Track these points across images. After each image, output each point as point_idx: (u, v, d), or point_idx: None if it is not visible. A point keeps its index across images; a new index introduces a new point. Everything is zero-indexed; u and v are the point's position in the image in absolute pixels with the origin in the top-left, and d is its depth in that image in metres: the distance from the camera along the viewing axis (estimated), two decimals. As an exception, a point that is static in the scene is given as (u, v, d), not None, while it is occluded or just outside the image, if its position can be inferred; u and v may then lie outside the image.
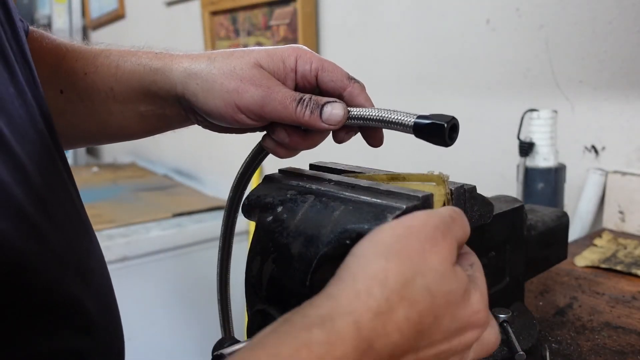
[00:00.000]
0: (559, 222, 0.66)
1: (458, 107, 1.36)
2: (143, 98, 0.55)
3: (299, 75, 0.50)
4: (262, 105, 0.48)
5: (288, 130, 0.50)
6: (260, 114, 0.48)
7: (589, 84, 1.09)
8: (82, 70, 0.57)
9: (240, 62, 0.49)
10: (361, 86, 0.50)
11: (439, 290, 0.33)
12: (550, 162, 0.98)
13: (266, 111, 0.48)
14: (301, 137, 0.51)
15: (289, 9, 1.76)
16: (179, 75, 0.52)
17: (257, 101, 0.48)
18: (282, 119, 0.48)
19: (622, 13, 1.03)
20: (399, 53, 1.49)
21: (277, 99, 0.47)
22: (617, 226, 1.04)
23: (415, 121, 0.45)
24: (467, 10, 1.30)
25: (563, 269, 0.83)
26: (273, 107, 0.47)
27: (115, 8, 3.13)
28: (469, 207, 0.44)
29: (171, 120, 0.57)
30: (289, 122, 0.48)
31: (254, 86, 0.48)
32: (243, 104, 0.48)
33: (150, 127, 0.58)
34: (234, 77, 0.49)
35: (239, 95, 0.48)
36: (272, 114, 0.48)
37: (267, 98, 0.48)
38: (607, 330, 0.64)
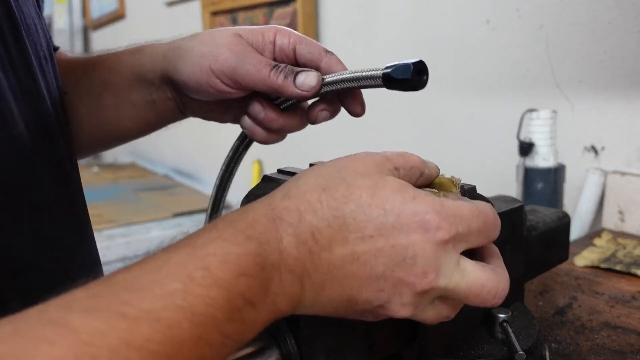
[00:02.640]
0: (560, 222, 0.66)
1: (458, 107, 1.36)
2: (133, 84, 0.56)
3: (277, 48, 0.51)
4: (235, 68, 0.48)
5: (263, 103, 0.51)
6: (234, 78, 0.48)
7: (589, 84, 1.10)
8: (81, 69, 0.58)
9: (220, 32, 0.50)
10: (338, 59, 0.51)
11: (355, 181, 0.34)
12: (550, 162, 0.98)
13: (239, 74, 0.48)
14: (277, 113, 0.51)
15: (289, 9, 1.76)
16: (163, 51, 0.53)
17: (230, 64, 0.48)
18: (255, 84, 0.48)
19: (622, 13, 1.03)
20: (399, 53, 1.49)
21: (251, 63, 0.48)
22: (616, 226, 1.04)
23: (384, 71, 0.45)
24: (467, 11, 1.30)
25: (562, 269, 0.83)
26: (246, 70, 0.48)
27: (115, 8, 3.13)
28: (469, 205, 0.44)
29: (161, 109, 0.57)
30: (262, 87, 0.48)
31: (229, 50, 0.49)
32: (217, 67, 0.48)
33: (142, 120, 0.58)
34: (211, 43, 0.49)
35: (214, 59, 0.48)
36: (246, 77, 0.48)
37: (241, 61, 0.48)
38: (607, 330, 0.64)
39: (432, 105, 1.42)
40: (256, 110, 0.51)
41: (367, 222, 0.33)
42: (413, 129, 1.48)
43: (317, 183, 0.34)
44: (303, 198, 0.34)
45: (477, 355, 0.49)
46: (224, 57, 0.48)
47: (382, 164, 0.36)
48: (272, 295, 0.31)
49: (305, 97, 0.48)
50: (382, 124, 1.57)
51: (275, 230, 0.32)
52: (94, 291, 0.26)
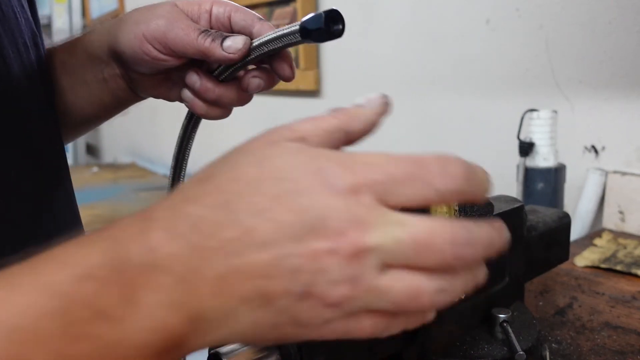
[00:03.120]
0: (560, 222, 0.66)
1: (458, 107, 1.36)
2: (85, 63, 0.57)
3: (213, 18, 0.52)
4: (165, 33, 0.49)
5: (199, 73, 0.51)
6: (165, 42, 0.49)
7: (589, 84, 1.09)
8: (47, 55, 0.59)
9: (159, 4, 0.52)
10: (270, 25, 0.52)
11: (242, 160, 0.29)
12: (550, 162, 0.98)
13: (169, 39, 0.49)
14: (213, 83, 0.52)
15: (289, 8, 1.76)
16: (108, 26, 0.54)
17: (161, 29, 0.49)
18: (185, 48, 0.49)
19: (622, 13, 1.03)
20: (399, 53, 1.49)
21: (180, 27, 0.49)
22: (617, 226, 1.04)
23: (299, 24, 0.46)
24: (467, 11, 1.30)
25: (563, 269, 0.82)
26: (176, 34, 0.49)
27: (115, 8, 3.13)
28: (469, 207, 0.44)
29: (112, 87, 0.58)
30: (191, 51, 0.49)
31: (162, 18, 0.50)
32: (149, 32, 0.49)
33: (97, 100, 0.59)
34: (147, 12, 0.51)
35: (146, 25, 0.50)
36: (175, 41, 0.49)
37: (171, 26, 0.49)
38: (607, 330, 0.64)
39: (432, 105, 1.42)
40: (193, 79, 0.52)
41: (259, 195, 0.27)
42: (413, 128, 1.48)
43: (199, 175, 0.30)
44: (180, 192, 0.29)
45: (477, 355, 0.49)
46: (155, 22, 0.50)
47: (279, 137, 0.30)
48: (144, 306, 0.24)
49: (232, 59, 0.49)
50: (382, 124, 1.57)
51: (139, 225, 0.27)
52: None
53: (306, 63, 1.73)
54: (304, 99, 1.83)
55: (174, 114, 2.81)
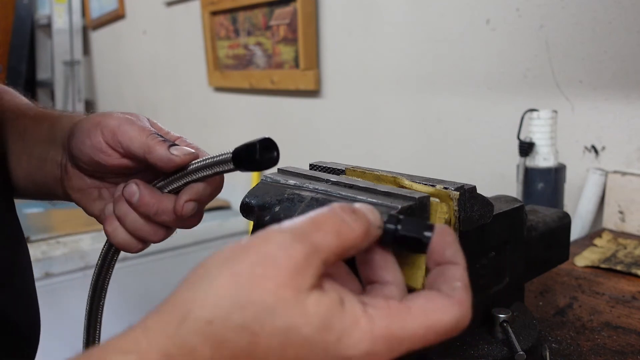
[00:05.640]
0: (561, 223, 0.66)
1: (458, 107, 1.36)
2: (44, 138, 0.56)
3: None
4: (120, 124, 0.49)
5: (139, 184, 0.49)
6: (115, 134, 0.48)
7: (589, 84, 1.09)
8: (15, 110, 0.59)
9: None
10: None
11: (261, 325, 0.26)
12: (550, 162, 0.98)
13: (121, 131, 0.48)
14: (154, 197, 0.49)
15: (289, 9, 1.76)
16: (82, 115, 0.55)
17: (119, 121, 0.49)
18: (131, 140, 0.48)
19: (622, 13, 1.03)
20: (399, 53, 1.49)
21: (136, 124, 0.49)
22: (617, 226, 1.03)
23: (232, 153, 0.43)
24: (467, 11, 1.30)
25: (563, 269, 0.82)
26: (129, 128, 0.48)
27: (115, 8, 3.13)
28: (469, 207, 0.44)
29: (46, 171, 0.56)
30: (137, 144, 0.48)
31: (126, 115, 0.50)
32: (105, 123, 0.49)
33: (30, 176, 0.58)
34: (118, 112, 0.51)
35: (109, 115, 0.50)
36: (126, 133, 0.48)
37: (129, 121, 0.49)
38: (607, 330, 0.64)
39: (433, 105, 1.42)
40: (131, 190, 0.49)
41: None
42: (413, 128, 1.48)
43: (211, 332, 0.26)
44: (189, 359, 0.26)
45: (477, 355, 0.49)
46: (114, 117, 0.50)
47: (304, 269, 0.28)
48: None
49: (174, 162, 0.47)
50: (382, 124, 1.57)
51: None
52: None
53: (306, 63, 1.73)
54: (304, 99, 1.83)
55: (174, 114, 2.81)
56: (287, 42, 1.80)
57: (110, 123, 0.49)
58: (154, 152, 0.47)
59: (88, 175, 0.53)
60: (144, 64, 2.96)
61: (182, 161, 0.47)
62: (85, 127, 0.50)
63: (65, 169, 0.54)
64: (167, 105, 2.76)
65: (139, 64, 3.01)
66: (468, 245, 0.46)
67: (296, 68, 1.78)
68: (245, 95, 2.13)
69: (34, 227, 1.78)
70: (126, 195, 0.49)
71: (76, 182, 0.54)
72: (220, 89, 2.28)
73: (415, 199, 0.39)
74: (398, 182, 0.45)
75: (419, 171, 0.48)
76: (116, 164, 0.50)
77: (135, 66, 3.06)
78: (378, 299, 0.30)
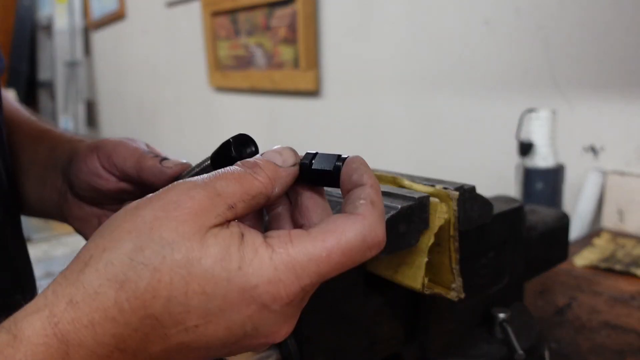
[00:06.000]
0: (560, 223, 0.66)
1: (457, 107, 1.36)
2: (47, 161, 0.55)
3: None
4: (115, 147, 0.48)
5: None
6: (111, 157, 0.48)
7: (588, 84, 1.10)
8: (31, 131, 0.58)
9: None
10: None
11: (162, 260, 0.27)
12: (550, 162, 0.98)
13: (116, 152, 0.48)
14: None
15: (289, 9, 1.76)
16: (82, 140, 0.53)
17: (115, 144, 0.49)
18: (126, 162, 0.47)
19: (621, 13, 1.03)
20: (399, 53, 1.49)
21: (130, 145, 0.48)
22: (616, 226, 1.04)
23: (211, 156, 0.41)
24: (466, 11, 1.30)
25: (562, 269, 0.83)
26: (123, 149, 0.48)
27: (116, 8, 3.13)
28: (469, 207, 0.44)
29: (45, 195, 0.55)
30: (131, 165, 0.47)
31: (125, 139, 0.50)
32: (101, 146, 0.49)
33: (35, 196, 0.56)
34: (111, 138, 0.51)
35: (106, 140, 0.49)
36: (119, 155, 0.48)
37: (125, 144, 0.48)
38: (606, 330, 0.65)
39: (432, 105, 1.42)
40: None
41: (187, 313, 0.27)
42: (413, 128, 1.49)
43: (112, 273, 0.27)
44: (94, 303, 0.26)
45: (477, 354, 0.49)
46: (115, 140, 0.49)
47: (206, 209, 0.28)
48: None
49: (166, 173, 0.46)
50: (382, 124, 1.57)
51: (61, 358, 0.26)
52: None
53: (306, 63, 1.73)
54: (304, 99, 1.83)
55: (174, 114, 2.82)
56: (287, 42, 1.80)
57: (106, 146, 0.49)
58: (145, 167, 0.46)
59: (87, 203, 0.52)
60: (144, 64, 2.96)
61: (174, 172, 0.46)
62: (81, 153, 0.49)
63: (65, 197, 0.53)
64: (167, 105, 2.77)
65: (139, 65, 3.02)
66: (468, 245, 0.46)
67: (296, 68, 1.78)
68: (245, 95, 2.14)
69: (34, 227, 1.79)
70: None
71: (75, 211, 0.53)
72: (220, 89, 2.28)
73: (415, 198, 0.40)
74: (398, 182, 0.45)
75: (418, 171, 0.48)
76: (113, 189, 0.49)
77: (136, 66, 3.07)
78: (281, 230, 0.30)
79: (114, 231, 0.28)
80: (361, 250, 0.29)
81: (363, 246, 0.29)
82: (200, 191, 0.28)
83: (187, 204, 0.28)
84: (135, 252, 0.27)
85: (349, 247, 0.29)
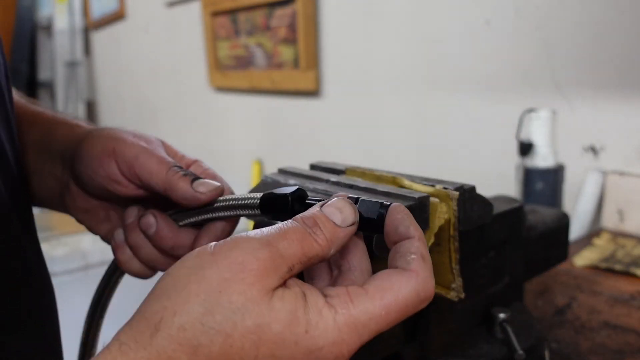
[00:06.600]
0: (560, 223, 0.66)
1: (457, 107, 1.36)
2: (43, 149, 0.52)
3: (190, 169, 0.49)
4: (137, 155, 0.45)
5: (158, 217, 0.46)
6: (131, 163, 0.45)
7: (588, 84, 1.10)
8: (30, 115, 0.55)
9: (147, 134, 0.48)
10: None
11: (233, 326, 0.27)
12: (549, 162, 0.98)
13: (139, 163, 0.44)
14: (172, 230, 0.46)
15: (289, 9, 1.76)
16: (88, 127, 0.50)
17: (135, 151, 0.45)
18: (150, 176, 0.44)
19: (621, 13, 1.03)
20: (398, 53, 1.49)
21: (155, 156, 0.45)
22: (615, 226, 1.04)
23: (260, 200, 0.40)
24: (466, 11, 1.30)
25: (562, 269, 0.83)
26: (147, 159, 0.45)
27: (116, 8, 3.13)
28: (469, 207, 0.44)
29: (42, 182, 0.52)
30: (156, 181, 0.44)
31: (143, 141, 0.46)
32: (120, 152, 0.45)
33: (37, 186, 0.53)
34: (130, 132, 0.47)
35: (123, 142, 0.46)
36: (144, 165, 0.44)
37: (146, 151, 0.45)
38: (606, 330, 0.65)
39: (432, 105, 1.42)
40: (148, 222, 0.46)
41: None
42: (413, 128, 1.49)
43: (185, 338, 0.27)
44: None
45: (476, 354, 0.49)
46: (134, 142, 0.46)
47: (271, 271, 0.29)
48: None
49: (199, 199, 0.44)
50: (382, 124, 1.57)
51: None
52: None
53: (306, 63, 1.73)
54: (304, 99, 1.83)
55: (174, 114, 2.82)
56: (287, 42, 1.81)
57: (126, 153, 0.45)
58: (177, 190, 0.44)
59: (95, 197, 0.49)
60: (144, 64, 2.96)
61: (208, 198, 0.44)
62: (96, 154, 0.46)
63: (68, 187, 0.50)
64: (167, 105, 2.77)
65: (139, 65, 3.02)
66: (468, 245, 0.46)
67: (296, 68, 1.79)
68: (245, 95, 2.14)
69: (34, 227, 1.79)
70: (143, 227, 0.46)
71: (81, 202, 0.50)
72: (220, 89, 2.28)
73: (415, 198, 0.40)
74: (398, 182, 0.45)
75: (418, 171, 0.48)
76: (132, 195, 0.46)
77: (136, 66, 3.07)
78: (339, 287, 0.30)
79: (180, 293, 0.28)
80: (415, 305, 0.31)
81: (417, 301, 0.30)
82: (265, 252, 0.29)
83: (253, 265, 0.28)
84: (206, 316, 0.27)
85: (405, 304, 0.30)
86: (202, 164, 0.50)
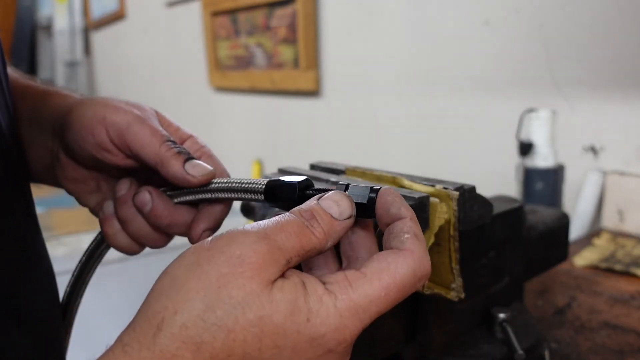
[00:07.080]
0: (559, 223, 0.66)
1: (457, 107, 1.36)
2: (32, 117, 0.50)
3: (185, 145, 0.48)
4: (129, 125, 0.43)
5: (154, 194, 0.44)
6: (122, 133, 0.43)
7: (588, 84, 1.10)
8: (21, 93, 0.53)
9: (142, 104, 0.47)
10: None
11: (235, 320, 0.27)
12: (549, 162, 0.98)
13: (131, 132, 0.43)
14: (167, 209, 0.45)
15: (289, 9, 1.77)
16: (79, 96, 0.49)
17: (128, 120, 0.43)
18: (142, 147, 0.43)
19: (621, 13, 1.03)
20: (398, 53, 1.49)
21: (147, 126, 0.43)
22: (615, 226, 1.04)
23: (266, 186, 0.39)
24: (466, 10, 1.30)
25: (562, 269, 0.83)
26: (140, 130, 0.43)
27: (116, 8, 3.13)
28: (469, 207, 0.44)
29: (32, 153, 0.50)
30: (147, 153, 0.42)
31: (136, 109, 0.44)
32: (111, 120, 0.43)
33: None
34: (124, 101, 0.45)
35: (114, 110, 0.44)
36: (136, 136, 0.42)
37: (139, 121, 0.43)
38: (606, 330, 0.65)
39: (432, 105, 1.42)
40: (144, 199, 0.44)
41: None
42: (412, 128, 1.49)
43: (187, 336, 0.27)
44: None
45: (476, 354, 0.49)
46: (126, 111, 0.44)
47: (269, 264, 0.29)
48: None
49: (189, 182, 0.42)
50: (382, 124, 1.57)
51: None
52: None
53: (306, 63, 1.73)
54: (304, 99, 1.83)
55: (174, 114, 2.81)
56: (287, 42, 1.81)
57: (117, 121, 0.43)
58: (169, 167, 0.42)
59: (85, 167, 0.48)
60: (144, 64, 2.96)
61: (199, 182, 0.42)
62: (86, 121, 0.44)
63: (57, 157, 0.48)
64: (167, 105, 2.77)
65: (139, 64, 3.02)
66: (468, 245, 0.46)
67: (296, 68, 1.79)
68: (245, 95, 2.14)
69: (34, 227, 1.79)
70: (138, 204, 0.45)
71: (70, 172, 0.48)
72: (220, 89, 2.28)
73: (415, 198, 0.40)
74: (398, 182, 0.45)
75: (418, 171, 0.48)
76: (121, 164, 0.45)
77: (136, 66, 3.07)
78: (337, 273, 0.30)
79: (180, 290, 0.28)
80: (413, 283, 0.31)
81: (414, 279, 0.31)
82: (263, 245, 0.29)
83: (252, 259, 0.28)
84: (207, 312, 0.27)
85: (403, 283, 0.30)
86: (197, 140, 0.49)
